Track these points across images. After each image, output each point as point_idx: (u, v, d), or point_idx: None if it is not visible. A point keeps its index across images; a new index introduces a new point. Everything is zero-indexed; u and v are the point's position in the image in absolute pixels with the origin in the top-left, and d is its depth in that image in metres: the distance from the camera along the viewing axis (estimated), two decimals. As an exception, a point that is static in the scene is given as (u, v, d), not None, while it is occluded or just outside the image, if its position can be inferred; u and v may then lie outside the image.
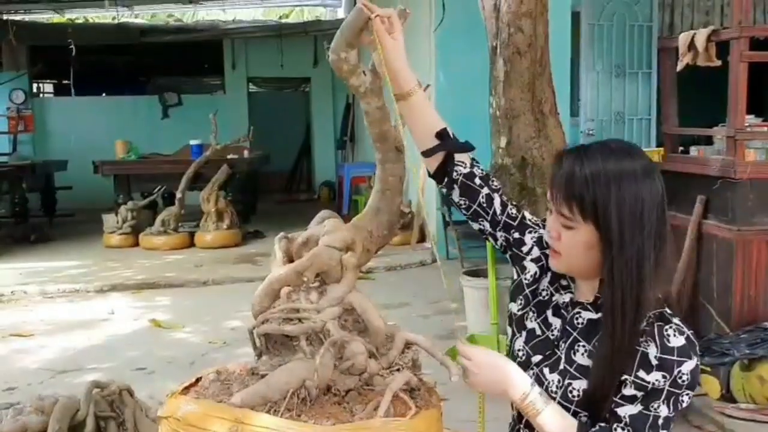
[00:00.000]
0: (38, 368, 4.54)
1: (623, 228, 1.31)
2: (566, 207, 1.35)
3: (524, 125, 3.63)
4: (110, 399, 2.47)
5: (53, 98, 14.33)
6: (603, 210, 1.31)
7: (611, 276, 1.33)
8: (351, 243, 1.64)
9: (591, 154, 1.36)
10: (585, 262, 1.39)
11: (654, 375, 1.34)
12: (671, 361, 1.33)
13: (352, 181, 10.17)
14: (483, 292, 4.65)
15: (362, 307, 1.56)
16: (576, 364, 1.43)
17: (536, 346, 1.51)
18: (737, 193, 3.40)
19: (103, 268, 7.37)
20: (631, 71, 7.89)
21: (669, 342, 1.34)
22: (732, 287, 3.43)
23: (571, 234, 1.36)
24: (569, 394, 1.42)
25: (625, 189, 1.31)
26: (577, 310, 1.47)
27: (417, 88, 1.55)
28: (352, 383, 1.52)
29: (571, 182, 1.33)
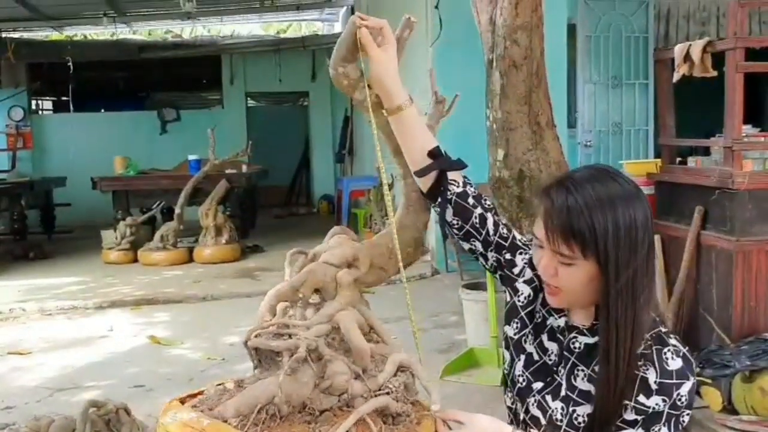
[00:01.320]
0: (36, 386, 4.51)
1: (620, 253, 1.30)
2: (565, 246, 1.32)
3: (521, 138, 3.62)
4: (107, 418, 2.45)
5: (52, 115, 14.34)
6: (603, 241, 1.29)
7: (607, 303, 1.32)
8: (352, 260, 1.61)
9: (578, 183, 1.34)
10: (586, 296, 1.38)
11: (654, 399, 1.34)
12: (670, 384, 1.33)
13: (351, 195, 10.16)
14: (482, 305, 4.64)
15: (346, 327, 1.52)
16: (578, 390, 1.42)
17: (536, 372, 1.50)
18: (735, 203, 3.39)
19: (101, 284, 7.35)
20: (627, 82, 7.91)
21: (668, 366, 1.33)
22: (732, 298, 3.41)
23: (570, 271, 1.34)
24: (575, 421, 1.41)
25: (620, 214, 1.31)
26: (573, 335, 1.46)
27: (408, 104, 1.52)
28: (330, 403, 1.47)
29: (568, 218, 1.31)
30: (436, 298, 6.13)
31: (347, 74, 1.57)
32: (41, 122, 13.04)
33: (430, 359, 4.74)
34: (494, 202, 3.79)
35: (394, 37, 1.50)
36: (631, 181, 1.37)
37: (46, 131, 12.77)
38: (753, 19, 7.47)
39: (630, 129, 8.04)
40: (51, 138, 12.69)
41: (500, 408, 1.69)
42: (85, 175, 9.34)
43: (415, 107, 1.55)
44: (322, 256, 1.65)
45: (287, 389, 1.45)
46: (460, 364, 4.51)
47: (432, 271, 7.18)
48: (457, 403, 4.02)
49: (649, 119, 8.02)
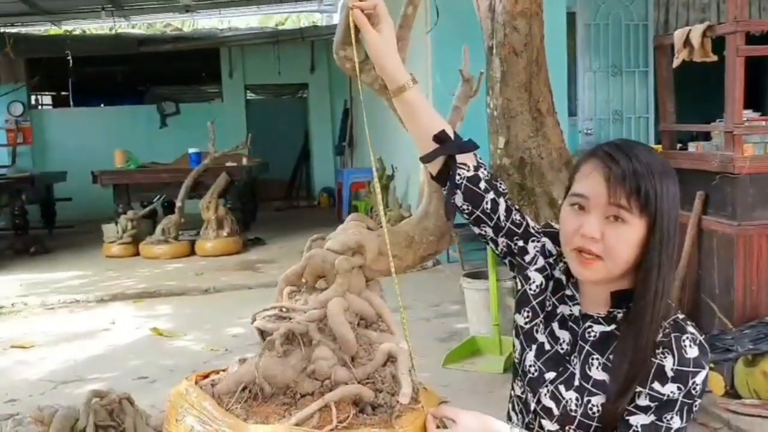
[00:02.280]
0: (39, 379, 4.52)
1: (671, 221, 1.30)
2: (624, 198, 1.28)
3: (522, 125, 3.61)
4: (110, 408, 2.45)
5: (52, 110, 14.32)
6: (661, 203, 1.28)
7: (658, 271, 1.29)
8: (357, 247, 1.60)
9: (636, 150, 1.33)
10: (625, 263, 1.32)
11: (669, 387, 1.32)
12: (686, 372, 1.30)
13: (351, 187, 10.16)
14: (484, 294, 4.64)
15: (331, 314, 1.50)
16: (592, 380, 1.40)
17: (548, 361, 1.46)
18: (737, 188, 3.38)
19: (103, 278, 7.36)
20: (627, 70, 7.90)
21: (686, 353, 1.31)
22: (734, 283, 3.40)
23: (621, 230, 1.29)
24: (589, 411, 1.39)
25: (671, 184, 1.32)
26: (588, 324, 1.43)
27: (410, 84, 1.48)
28: (312, 388, 1.46)
29: (635, 177, 1.28)
30: (437, 287, 6.14)
31: (349, 57, 1.56)
32: (41, 117, 13.02)
33: (431, 348, 4.75)
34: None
35: (389, 16, 1.46)
36: None
37: (46, 126, 12.75)
38: (753, 5, 7.44)
39: (630, 117, 8.04)
40: (51, 133, 12.68)
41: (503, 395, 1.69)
42: (86, 169, 9.34)
43: (419, 88, 1.51)
44: (327, 243, 1.66)
45: (274, 370, 1.46)
46: (461, 353, 4.51)
47: (433, 262, 7.18)
48: (461, 390, 4.03)
49: (650, 107, 8.01)
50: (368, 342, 1.58)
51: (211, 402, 1.48)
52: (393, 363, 1.52)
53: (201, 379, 1.66)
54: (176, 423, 1.50)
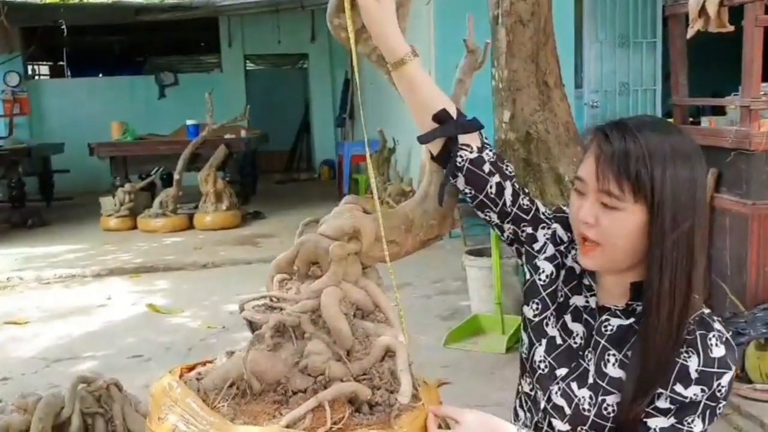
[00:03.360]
0: (33, 357, 4.44)
1: (677, 209, 1.17)
2: (615, 184, 1.18)
3: (528, 98, 3.48)
4: (97, 394, 2.35)
5: (49, 80, 14.14)
6: (660, 188, 1.16)
7: (661, 263, 1.18)
8: (352, 232, 1.47)
9: (641, 129, 1.20)
10: (629, 251, 1.21)
11: (692, 389, 1.21)
12: (711, 373, 1.20)
13: (352, 160, 10.01)
14: (486, 272, 4.54)
15: (325, 305, 1.40)
16: (608, 378, 1.29)
17: (559, 356, 1.36)
18: (752, 165, 3.25)
19: (100, 252, 7.27)
20: (635, 41, 7.74)
21: (711, 353, 1.21)
22: (747, 264, 3.29)
23: (615, 217, 1.19)
24: (604, 411, 1.28)
25: (680, 168, 1.18)
26: (605, 317, 1.32)
27: (410, 57, 1.36)
28: (305, 385, 1.37)
29: (626, 158, 1.17)
30: (438, 264, 6.02)
31: (343, 25, 1.44)
32: (38, 87, 12.84)
33: (432, 326, 4.66)
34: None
35: None
36: (693, 140, 1.25)
37: (43, 97, 12.59)
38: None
39: (637, 89, 7.90)
40: (48, 103, 12.52)
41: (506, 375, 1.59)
42: (84, 141, 9.20)
43: (419, 62, 1.39)
44: (320, 227, 1.54)
45: (263, 365, 1.37)
46: (463, 332, 4.42)
47: (435, 237, 7.07)
48: (462, 370, 3.95)
49: (657, 79, 7.87)
50: (365, 334, 1.47)
51: (196, 399, 1.39)
52: (391, 358, 1.42)
53: (186, 372, 1.58)
54: (159, 421, 1.40)
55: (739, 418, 3.08)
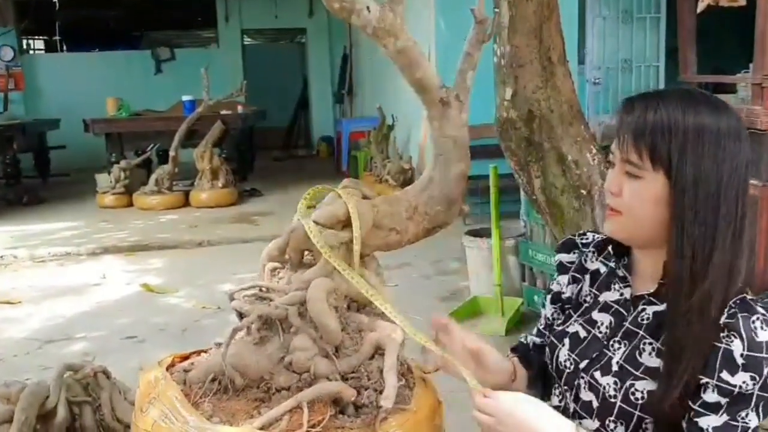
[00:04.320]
0: (25, 338, 4.37)
1: (699, 184, 1.13)
2: (635, 152, 1.17)
3: (531, 75, 3.34)
4: (85, 382, 2.27)
5: (44, 55, 13.94)
6: (678, 158, 1.14)
7: (681, 238, 1.14)
8: (347, 219, 1.37)
9: (670, 100, 1.18)
10: (648, 222, 1.19)
11: (740, 377, 1.11)
12: (760, 359, 1.11)
13: (350, 137, 9.89)
14: (486, 253, 4.46)
15: (311, 299, 1.32)
16: (643, 367, 1.21)
17: (583, 350, 1.30)
18: (763, 145, 3.15)
19: (95, 229, 7.18)
20: (638, 16, 7.60)
21: (757, 336, 1.11)
22: (756, 247, 3.19)
23: (636, 185, 1.18)
24: (631, 396, 1.20)
25: (705, 143, 1.14)
26: (641, 307, 1.26)
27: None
28: (289, 382, 1.30)
29: (643, 126, 1.16)
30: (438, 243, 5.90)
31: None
32: (32, 62, 12.67)
33: (432, 308, 4.58)
34: (501, 144, 3.54)
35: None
36: (735, 119, 1.18)
37: (38, 72, 12.42)
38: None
39: (640, 65, 7.77)
40: (43, 79, 12.36)
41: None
42: (80, 116, 9.09)
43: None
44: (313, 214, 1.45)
45: (247, 360, 1.32)
46: (463, 313, 4.35)
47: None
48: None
49: (660, 55, 7.74)
50: (357, 329, 1.39)
51: (178, 394, 1.33)
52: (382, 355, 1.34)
53: (179, 361, 1.53)
54: (141, 413, 1.36)
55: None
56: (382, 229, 1.42)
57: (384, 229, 1.42)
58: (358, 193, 1.46)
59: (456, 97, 1.37)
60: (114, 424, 2.27)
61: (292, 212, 1.48)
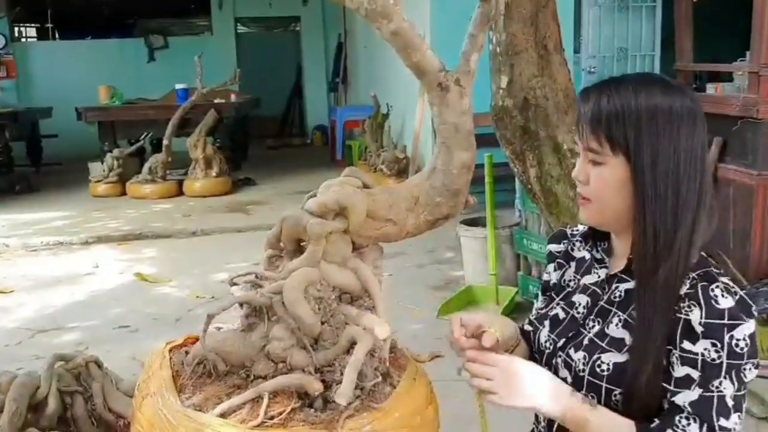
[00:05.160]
0: (17, 327, 4.35)
1: (657, 163, 1.16)
2: (594, 140, 1.20)
3: (526, 63, 3.33)
4: (76, 372, 2.25)
5: (36, 42, 13.84)
6: (635, 140, 1.17)
7: (643, 217, 1.17)
8: (338, 208, 1.34)
9: (623, 86, 1.20)
10: (616, 205, 1.21)
11: (701, 344, 1.12)
12: (720, 325, 1.11)
13: (345, 125, 9.84)
14: (481, 242, 4.44)
15: (287, 288, 1.30)
16: (609, 338, 1.24)
17: (562, 330, 1.32)
18: (759, 134, 3.13)
19: (88, 218, 7.14)
20: (634, 5, 7.54)
21: (717, 303, 1.12)
22: (751, 236, 3.19)
23: (599, 171, 1.21)
24: (597, 369, 1.21)
25: (660, 125, 1.16)
26: (614, 285, 1.29)
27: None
28: (266, 370, 1.30)
29: (599, 114, 1.19)
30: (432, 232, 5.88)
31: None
32: (25, 50, 12.58)
33: (426, 297, 4.57)
34: (496, 133, 3.52)
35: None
36: (689, 101, 1.20)
37: (31, 60, 12.34)
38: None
39: (635, 54, 7.71)
40: (36, 67, 12.28)
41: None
42: (73, 105, 9.03)
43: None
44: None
45: (231, 346, 1.33)
46: (457, 303, 4.33)
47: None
48: (455, 344, 3.86)
49: (656, 44, 7.69)
50: (343, 322, 1.36)
51: (167, 375, 1.38)
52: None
53: (191, 342, 1.55)
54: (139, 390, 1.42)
55: (739, 395, 3.01)
56: (377, 220, 1.38)
57: (379, 220, 1.38)
58: (357, 182, 1.43)
59: (456, 81, 1.31)
60: (106, 414, 2.25)
61: (286, 201, 1.47)
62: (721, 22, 8.03)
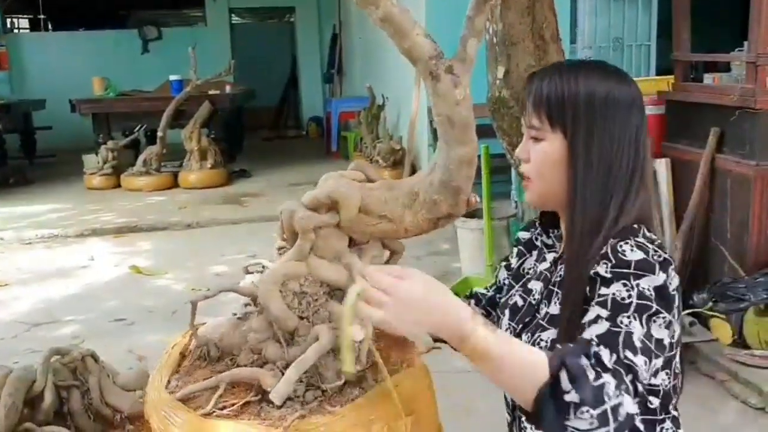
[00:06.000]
0: (13, 321, 4.33)
1: (592, 144, 1.22)
2: (536, 117, 1.26)
3: (524, 53, 3.31)
4: (72, 366, 2.23)
5: (29, 34, 13.75)
6: (572, 119, 1.23)
7: (575, 194, 1.23)
8: (329, 202, 1.31)
9: (565, 70, 1.27)
10: (555, 182, 1.26)
11: (613, 287, 1.12)
12: (627, 273, 1.13)
13: (340, 117, 9.81)
14: (477, 234, 4.44)
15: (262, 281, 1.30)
16: (548, 316, 1.29)
17: (521, 318, 1.37)
18: (757, 124, 3.11)
19: (83, 211, 7.11)
20: (631, -6, 7.53)
21: (625, 256, 1.15)
22: (748, 227, 3.18)
23: (539, 147, 1.26)
24: (537, 347, 1.21)
25: (597, 110, 1.22)
26: (559, 266, 1.33)
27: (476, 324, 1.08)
28: (246, 360, 1.31)
29: (540, 93, 1.25)
30: (429, 224, 5.91)
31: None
32: (17, 41, 12.49)
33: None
34: (493, 124, 3.51)
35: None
36: (630, 88, 1.27)
37: (24, 51, 12.25)
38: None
39: (631, 45, 7.71)
40: (28, 58, 12.19)
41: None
42: (66, 97, 8.95)
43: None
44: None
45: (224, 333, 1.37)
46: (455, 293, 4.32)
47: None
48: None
49: (652, 34, 7.69)
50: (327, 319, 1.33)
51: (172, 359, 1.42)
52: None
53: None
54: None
55: (736, 385, 3.01)
56: (370, 216, 1.32)
57: (373, 216, 1.32)
58: (360, 176, 1.40)
59: (448, 70, 1.19)
60: (103, 408, 2.23)
61: (281, 193, 1.46)
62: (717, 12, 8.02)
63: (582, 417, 0.99)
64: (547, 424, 1.01)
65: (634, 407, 1.01)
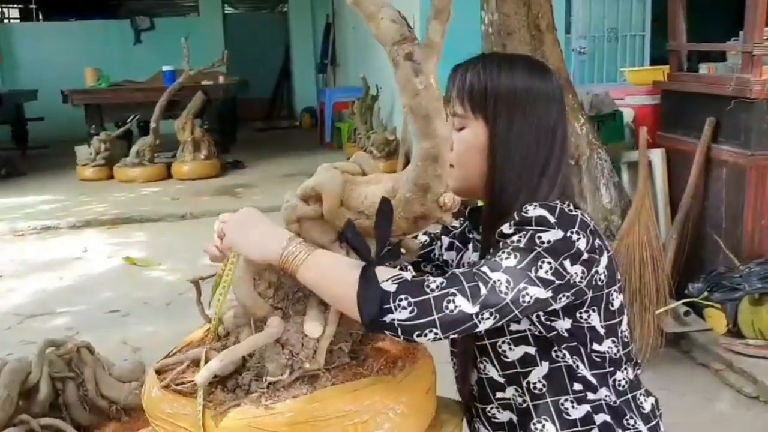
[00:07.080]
0: (6, 313, 4.30)
1: (510, 134, 1.27)
2: (459, 104, 1.31)
3: (519, 43, 3.30)
4: (67, 358, 2.22)
5: (20, 24, 13.67)
6: (494, 108, 1.27)
7: (492, 180, 1.27)
8: (312, 194, 1.28)
9: (489, 62, 1.31)
10: (476, 169, 1.30)
11: (514, 237, 1.19)
12: (527, 228, 1.18)
13: (334, 107, 9.78)
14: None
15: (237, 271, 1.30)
16: None
17: None
18: (752, 114, 3.12)
19: (76, 202, 7.07)
20: (625, -17, 7.53)
21: (526, 213, 1.20)
22: (743, 217, 3.19)
23: (462, 135, 1.30)
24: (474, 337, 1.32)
25: (517, 102, 1.27)
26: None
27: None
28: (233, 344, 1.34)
29: (464, 82, 1.30)
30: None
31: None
32: (8, 32, 12.42)
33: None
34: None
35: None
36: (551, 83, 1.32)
37: (14, 41, 12.18)
38: None
39: (626, 35, 7.73)
40: (20, 49, 12.12)
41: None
42: (58, 87, 8.89)
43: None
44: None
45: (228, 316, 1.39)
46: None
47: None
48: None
49: (646, 24, 7.70)
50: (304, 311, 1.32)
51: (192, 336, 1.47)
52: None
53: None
54: None
55: (731, 375, 3.02)
56: (351, 211, 1.26)
57: (352, 211, 1.26)
58: (355, 168, 1.37)
59: (407, 56, 1.08)
60: (98, 399, 2.23)
61: (274, 184, 1.45)
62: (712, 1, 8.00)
63: (401, 305, 1.08)
64: (370, 319, 1.09)
65: (473, 308, 1.09)
